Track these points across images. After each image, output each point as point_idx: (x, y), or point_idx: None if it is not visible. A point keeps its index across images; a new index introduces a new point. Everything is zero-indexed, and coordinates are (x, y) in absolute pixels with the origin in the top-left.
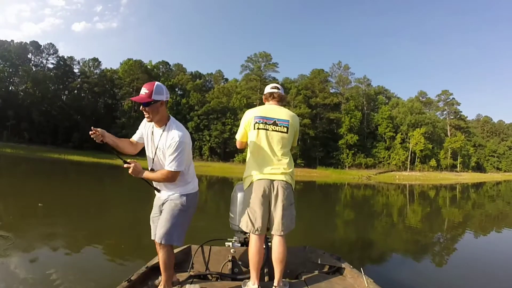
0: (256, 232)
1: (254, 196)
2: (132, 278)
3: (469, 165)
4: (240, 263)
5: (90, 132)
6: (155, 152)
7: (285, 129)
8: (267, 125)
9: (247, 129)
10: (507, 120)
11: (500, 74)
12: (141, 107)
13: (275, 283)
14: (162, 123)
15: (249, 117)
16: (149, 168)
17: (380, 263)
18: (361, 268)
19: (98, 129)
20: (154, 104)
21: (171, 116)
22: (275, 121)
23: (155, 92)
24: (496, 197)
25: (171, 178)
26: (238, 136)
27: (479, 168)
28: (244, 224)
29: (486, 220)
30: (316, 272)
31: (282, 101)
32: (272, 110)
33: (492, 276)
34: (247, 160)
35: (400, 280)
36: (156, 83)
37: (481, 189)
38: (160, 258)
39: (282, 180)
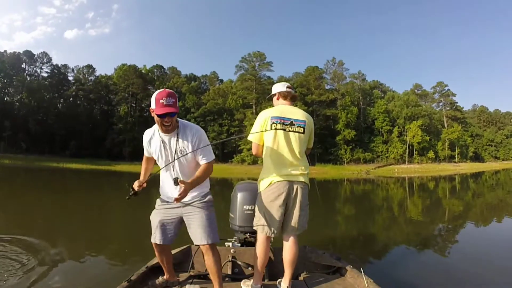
0: (271, 234)
1: (273, 198)
2: (132, 278)
3: (467, 155)
4: (240, 263)
5: (137, 188)
6: (174, 158)
7: (301, 130)
8: (285, 126)
9: (263, 130)
10: (503, 109)
11: (494, 63)
12: (166, 118)
13: (287, 283)
14: (174, 127)
15: (264, 117)
16: (173, 177)
17: (380, 261)
18: (361, 268)
19: (144, 184)
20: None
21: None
22: (292, 121)
23: (177, 100)
24: (495, 186)
25: (211, 168)
26: (254, 139)
27: (477, 158)
28: (260, 225)
29: (487, 210)
30: (316, 272)
31: (295, 101)
32: (288, 110)
33: (496, 269)
34: (264, 161)
35: (401, 278)
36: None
37: (480, 179)
38: (210, 260)
39: (301, 181)
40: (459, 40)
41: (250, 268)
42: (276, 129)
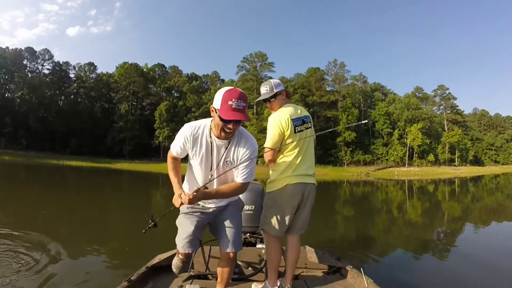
0: (281, 234)
1: (289, 199)
2: (132, 278)
3: (467, 159)
4: (240, 263)
5: (188, 201)
6: (217, 166)
7: (310, 125)
8: (302, 126)
9: (286, 134)
10: (504, 113)
11: (495, 67)
12: (230, 124)
13: (288, 283)
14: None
15: (285, 120)
16: (201, 185)
17: (380, 262)
18: (361, 268)
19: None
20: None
21: None
22: (303, 119)
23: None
24: (495, 190)
25: (242, 189)
26: (271, 145)
27: (477, 161)
28: (272, 225)
29: (486, 213)
30: (316, 272)
31: (291, 97)
32: (297, 108)
33: (494, 272)
34: (280, 161)
35: (401, 279)
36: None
37: (479, 183)
38: (228, 267)
39: (314, 184)
40: (460, 41)
41: (250, 268)
42: (299, 131)
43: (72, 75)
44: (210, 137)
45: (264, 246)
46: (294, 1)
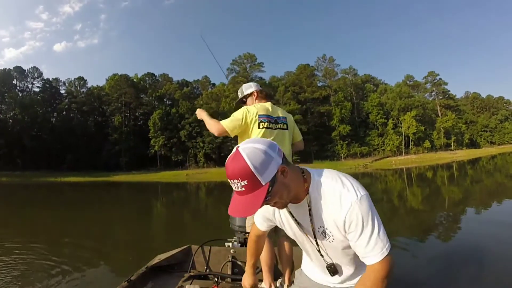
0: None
1: None
2: (132, 278)
3: (463, 142)
4: (240, 263)
5: None
6: (316, 242)
7: (285, 126)
8: (271, 124)
9: (248, 126)
10: (496, 94)
11: (483, 49)
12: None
13: (287, 283)
14: (302, 193)
15: (252, 114)
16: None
17: None
18: None
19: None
20: (275, 188)
21: (305, 169)
22: (276, 119)
23: (260, 171)
24: (493, 170)
25: (386, 273)
26: (228, 126)
27: (473, 144)
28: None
29: (487, 195)
30: None
31: (271, 98)
32: (269, 108)
33: (498, 261)
34: None
35: (403, 268)
36: (247, 153)
37: (477, 165)
38: None
39: None
40: (446, 26)
41: None
42: (264, 127)
43: (62, 91)
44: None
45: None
46: (279, 1)
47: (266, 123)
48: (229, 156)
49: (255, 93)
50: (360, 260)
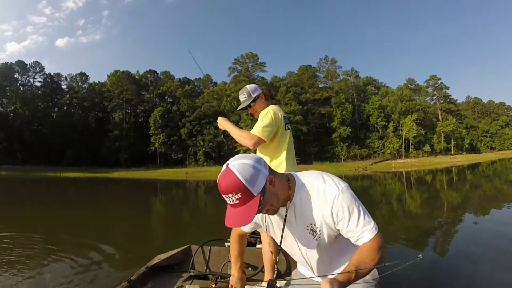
0: None
1: None
2: (132, 278)
3: (463, 147)
4: None
5: None
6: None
7: (289, 126)
8: (287, 124)
9: (278, 130)
10: (497, 99)
11: (486, 54)
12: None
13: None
14: (286, 197)
15: (280, 117)
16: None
17: None
18: None
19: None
20: (265, 197)
21: (290, 175)
22: (286, 119)
23: (251, 183)
24: (493, 176)
25: (379, 247)
26: (264, 135)
27: (473, 149)
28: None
29: (485, 200)
30: None
31: (272, 99)
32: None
33: (497, 267)
34: (277, 161)
35: (401, 270)
36: (237, 168)
37: (477, 170)
38: None
39: None
40: (449, 30)
41: (250, 268)
42: (287, 129)
43: (64, 86)
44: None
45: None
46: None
47: (288, 124)
48: (220, 173)
49: (263, 95)
50: (340, 253)
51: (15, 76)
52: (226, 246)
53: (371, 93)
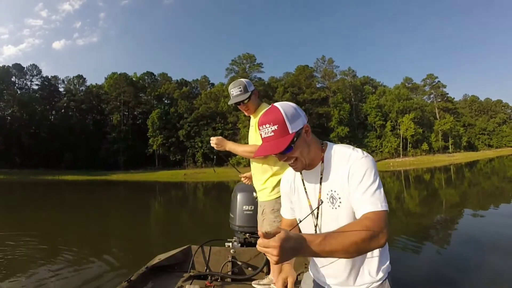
0: None
1: None
2: (132, 278)
3: (461, 145)
4: (240, 263)
5: None
6: (317, 215)
7: None
8: None
9: None
10: (494, 97)
11: (482, 52)
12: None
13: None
14: (318, 158)
15: None
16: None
17: None
18: None
19: None
20: (298, 141)
21: (325, 142)
22: None
23: (290, 120)
24: (490, 173)
25: (380, 227)
26: None
27: (470, 147)
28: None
29: (484, 197)
30: None
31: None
32: None
33: (496, 262)
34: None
35: (402, 268)
36: (281, 105)
37: (475, 168)
38: None
39: None
40: (445, 29)
41: (250, 268)
42: None
43: (61, 89)
44: (295, 177)
45: None
46: (280, 1)
47: None
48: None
49: (256, 92)
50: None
51: (12, 79)
52: (226, 246)
53: (369, 92)
